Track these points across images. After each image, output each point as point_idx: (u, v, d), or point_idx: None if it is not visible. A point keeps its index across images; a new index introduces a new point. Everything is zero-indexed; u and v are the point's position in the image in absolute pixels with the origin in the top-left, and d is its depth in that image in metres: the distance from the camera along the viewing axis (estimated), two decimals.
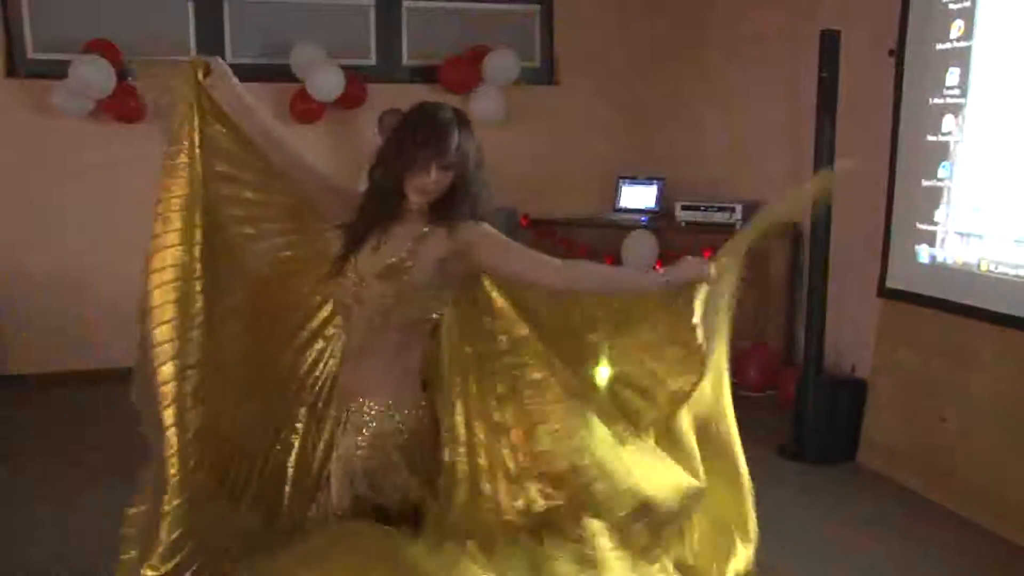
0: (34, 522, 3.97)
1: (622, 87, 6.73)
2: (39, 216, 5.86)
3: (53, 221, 5.84)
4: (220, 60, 2.34)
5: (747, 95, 6.02)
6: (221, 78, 2.30)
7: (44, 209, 5.86)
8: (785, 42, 5.51)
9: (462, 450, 2.22)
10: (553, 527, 2.17)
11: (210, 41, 6.12)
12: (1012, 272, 3.98)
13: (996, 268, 4.07)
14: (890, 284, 4.63)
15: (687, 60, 6.49)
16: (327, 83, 5.94)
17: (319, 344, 2.44)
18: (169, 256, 2.22)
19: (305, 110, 6.10)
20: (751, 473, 2.48)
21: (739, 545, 2.41)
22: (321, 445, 2.41)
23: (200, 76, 2.28)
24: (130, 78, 5.50)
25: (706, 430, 2.35)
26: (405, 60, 6.56)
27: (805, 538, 3.83)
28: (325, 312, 2.44)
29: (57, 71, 5.57)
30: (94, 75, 5.52)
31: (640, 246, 5.95)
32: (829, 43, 4.49)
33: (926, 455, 4.36)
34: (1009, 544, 3.82)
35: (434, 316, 2.23)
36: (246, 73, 6.60)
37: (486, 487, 2.21)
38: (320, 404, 2.43)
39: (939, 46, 4.32)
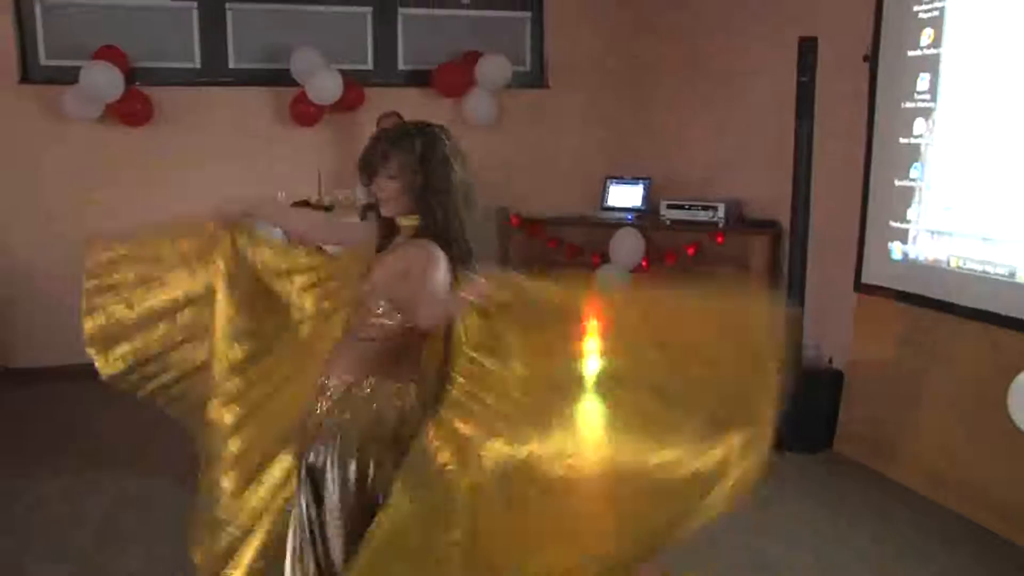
0: (39, 513, 4.00)
1: (610, 90, 6.83)
2: (50, 215, 5.96)
3: (63, 220, 5.91)
4: (247, 222, 2.59)
5: (731, 99, 6.09)
6: (249, 239, 2.57)
7: (55, 209, 5.97)
8: (766, 48, 5.59)
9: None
10: None
11: (214, 47, 6.26)
12: (980, 268, 4.09)
13: (965, 264, 4.18)
14: (865, 279, 4.75)
15: (673, 65, 6.58)
16: (326, 87, 6.05)
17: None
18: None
19: (304, 113, 6.23)
20: None
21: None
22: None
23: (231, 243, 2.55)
24: None
25: None
26: (401, 65, 6.67)
27: (784, 524, 3.94)
28: None
29: (68, 77, 5.71)
30: (103, 80, 5.66)
31: (627, 243, 6.05)
32: (807, 50, 4.61)
33: (900, 444, 4.48)
34: (980, 528, 3.92)
35: (408, 325, 2.22)
36: (248, 78, 6.74)
37: None
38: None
39: (911, 53, 4.43)
